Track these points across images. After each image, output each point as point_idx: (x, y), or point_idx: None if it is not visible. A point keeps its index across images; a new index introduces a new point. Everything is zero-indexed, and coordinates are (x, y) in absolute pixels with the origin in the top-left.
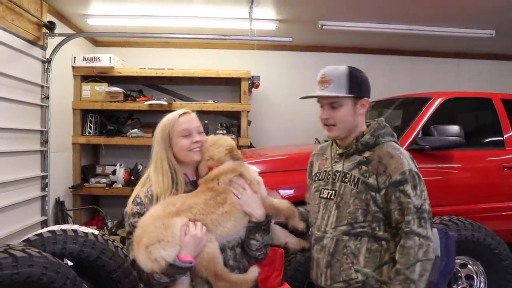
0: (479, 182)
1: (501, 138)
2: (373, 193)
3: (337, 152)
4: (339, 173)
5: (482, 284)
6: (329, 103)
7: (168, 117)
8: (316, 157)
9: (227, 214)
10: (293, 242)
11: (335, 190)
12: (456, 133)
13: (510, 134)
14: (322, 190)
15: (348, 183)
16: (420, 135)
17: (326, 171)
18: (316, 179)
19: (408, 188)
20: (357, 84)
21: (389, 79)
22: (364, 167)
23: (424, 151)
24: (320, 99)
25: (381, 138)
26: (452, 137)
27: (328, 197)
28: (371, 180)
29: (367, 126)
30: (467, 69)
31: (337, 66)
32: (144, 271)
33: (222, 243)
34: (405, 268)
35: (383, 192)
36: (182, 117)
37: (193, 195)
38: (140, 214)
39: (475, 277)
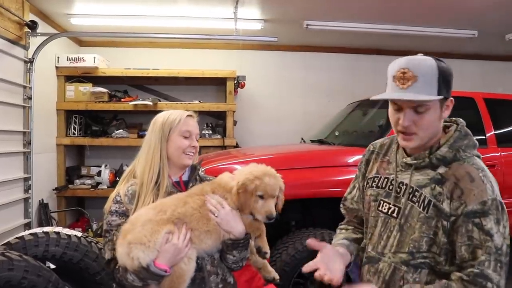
0: None
1: (483, 137)
2: (444, 222)
3: (404, 160)
4: (405, 187)
5: None
6: (413, 106)
7: (175, 113)
8: (374, 156)
9: (209, 233)
10: (266, 271)
11: (399, 208)
12: None
13: (492, 133)
14: (382, 202)
15: (417, 203)
16: None
17: (388, 178)
18: (374, 185)
19: (488, 222)
20: (447, 83)
21: (374, 78)
22: (438, 188)
23: None
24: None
25: (461, 152)
26: None
27: (390, 213)
28: (445, 206)
29: (444, 130)
30: None
31: (422, 57)
32: (119, 271)
33: (201, 255)
34: None
35: (452, 219)
36: (189, 118)
37: (184, 201)
38: (118, 213)
39: None
